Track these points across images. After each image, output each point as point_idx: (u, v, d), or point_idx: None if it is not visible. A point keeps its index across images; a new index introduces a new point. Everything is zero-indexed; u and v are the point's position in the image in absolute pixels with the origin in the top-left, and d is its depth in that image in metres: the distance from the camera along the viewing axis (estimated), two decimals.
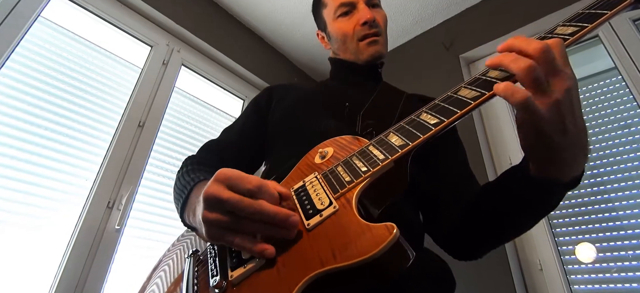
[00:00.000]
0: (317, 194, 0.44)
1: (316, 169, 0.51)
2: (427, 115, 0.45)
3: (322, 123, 0.66)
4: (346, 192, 0.42)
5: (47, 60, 1.31)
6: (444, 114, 0.43)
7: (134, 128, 1.47)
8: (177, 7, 1.76)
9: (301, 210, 0.43)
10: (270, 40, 2.30)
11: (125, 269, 1.31)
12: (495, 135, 1.61)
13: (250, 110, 0.81)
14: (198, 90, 1.88)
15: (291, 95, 0.79)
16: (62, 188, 1.23)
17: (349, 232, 0.36)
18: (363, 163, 0.44)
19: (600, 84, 1.39)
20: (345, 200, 0.40)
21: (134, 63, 1.60)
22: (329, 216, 0.39)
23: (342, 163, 0.47)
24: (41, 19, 1.32)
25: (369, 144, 0.48)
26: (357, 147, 0.49)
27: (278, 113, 0.76)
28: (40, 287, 1.10)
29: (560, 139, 0.38)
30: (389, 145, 0.45)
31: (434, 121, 0.43)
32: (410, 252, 0.34)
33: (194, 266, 0.48)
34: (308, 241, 0.38)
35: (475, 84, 0.43)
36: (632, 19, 1.39)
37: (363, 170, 0.43)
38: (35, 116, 1.23)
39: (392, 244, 0.32)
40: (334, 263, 0.33)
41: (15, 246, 1.09)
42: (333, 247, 0.35)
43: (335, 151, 0.52)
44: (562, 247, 1.27)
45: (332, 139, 0.56)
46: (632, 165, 1.22)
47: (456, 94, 0.45)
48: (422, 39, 2.13)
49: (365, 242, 0.33)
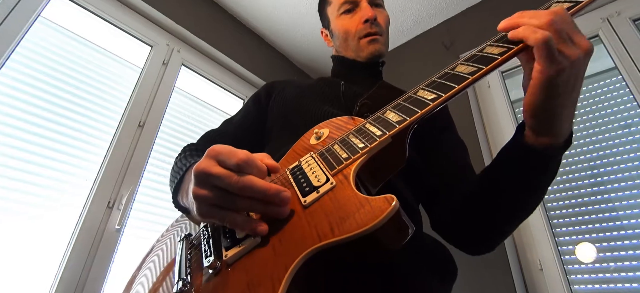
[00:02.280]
0: (313, 172, 0.43)
1: (312, 149, 0.50)
2: (424, 92, 0.45)
3: (320, 109, 0.67)
4: (343, 169, 0.41)
5: (47, 60, 1.31)
6: (442, 89, 0.43)
7: (134, 128, 1.47)
8: (177, 7, 1.76)
9: (297, 188, 0.42)
10: (270, 40, 2.30)
11: (125, 269, 1.31)
12: (496, 136, 1.61)
13: (251, 103, 0.83)
14: (198, 90, 1.88)
15: (290, 88, 0.80)
16: (62, 188, 1.23)
17: (347, 206, 0.35)
18: (360, 140, 0.44)
19: (600, 84, 1.39)
20: (343, 176, 0.40)
21: (134, 63, 1.60)
22: (326, 192, 0.39)
23: (339, 142, 0.47)
24: (41, 18, 1.32)
25: (365, 122, 0.48)
26: (354, 126, 0.49)
27: (277, 104, 0.77)
28: (41, 287, 1.10)
29: (566, 97, 0.39)
30: (387, 122, 0.45)
31: (431, 96, 0.43)
32: (410, 225, 0.33)
33: (186, 249, 0.48)
34: (305, 218, 0.37)
35: (473, 60, 0.44)
36: (632, 19, 1.39)
37: (360, 147, 0.43)
38: (35, 116, 1.23)
39: (392, 215, 0.31)
40: (332, 237, 0.32)
41: (16, 246, 1.09)
42: (331, 222, 0.34)
43: (331, 131, 0.52)
44: (562, 247, 1.27)
45: (327, 121, 0.56)
46: (632, 165, 1.22)
47: (453, 70, 0.45)
48: (422, 39, 2.13)
49: (364, 214, 0.32)
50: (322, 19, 0.92)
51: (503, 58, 0.41)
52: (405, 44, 2.21)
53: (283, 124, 0.71)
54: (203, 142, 0.75)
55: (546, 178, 0.47)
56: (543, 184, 0.48)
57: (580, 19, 1.53)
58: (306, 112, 0.68)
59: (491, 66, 0.41)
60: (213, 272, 0.39)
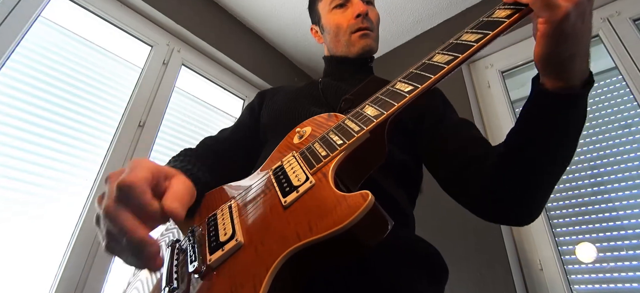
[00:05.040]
0: (294, 171, 0.43)
1: (294, 149, 0.51)
2: (401, 84, 0.45)
3: (307, 111, 0.68)
4: (322, 167, 0.41)
5: (47, 60, 1.31)
6: (418, 80, 0.43)
7: (134, 128, 1.47)
8: (177, 7, 1.76)
9: (278, 188, 0.42)
10: (270, 40, 2.30)
11: (125, 269, 1.31)
12: (496, 135, 1.61)
13: (245, 112, 0.85)
14: (198, 90, 1.88)
15: (280, 95, 0.82)
16: (62, 188, 1.23)
17: (325, 204, 0.35)
18: (339, 137, 0.44)
19: (600, 84, 1.39)
20: (322, 175, 0.40)
21: (134, 63, 1.60)
22: (306, 191, 0.39)
23: (319, 140, 0.47)
24: (41, 18, 1.32)
25: (345, 119, 0.48)
26: (334, 123, 0.49)
27: (268, 112, 0.79)
28: (41, 287, 1.10)
29: (577, 41, 0.39)
30: (364, 117, 0.45)
31: (408, 89, 0.43)
32: (388, 220, 0.33)
33: (173, 256, 0.48)
34: (286, 217, 0.38)
35: (448, 48, 0.44)
36: (632, 19, 1.39)
37: (338, 143, 0.43)
38: (36, 116, 1.23)
39: (367, 210, 0.31)
40: (310, 236, 0.32)
41: (16, 246, 1.09)
42: (310, 220, 0.35)
43: (312, 129, 0.53)
44: (562, 247, 1.27)
45: (310, 119, 0.56)
46: (632, 165, 1.22)
47: (430, 60, 0.45)
48: (422, 39, 2.13)
49: (341, 211, 0.33)
50: (312, 16, 0.94)
51: (478, 45, 0.41)
52: (405, 44, 2.21)
53: (274, 130, 0.72)
54: (200, 148, 0.75)
55: (571, 122, 0.45)
56: (573, 128, 0.46)
57: None
58: (294, 116, 0.69)
59: (467, 54, 0.41)
60: (198, 277, 0.39)
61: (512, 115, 1.59)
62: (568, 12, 0.36)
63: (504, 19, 0.41)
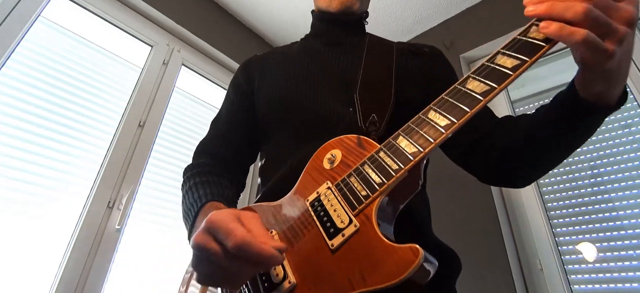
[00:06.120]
0: (334, 210, 0.43)
1: (327, 177, 0.49)
2: (435, 114, 0.43)
3: (318, 105, 0.63)
4: (364, 208, 0.41)
5: (47, 60, 1.31)
6: (453, 112, 0.41)
7: (134, 128, 1.47)
8: (177, 6, 1.76)
9: (321, 227, 0.43)
10: (270, 40, 2.30)
11: (125, 269, 1.31)
12: None
13: (232, 94, 0.76)
14: (198, 90, 1.89)
15: (272, 70, 0.73)
16: (62, 188, 1.23)
17: (374, 252, 0.37)
18: (376, 175, 0.43)
19: None
20: (365, 217, 0.41)
21: (134, 63, 1.60)
22: (351, 235, 0.40)
23: (355, 173, 0.46)
24: (41, 18, 1.33)
25: (379, 149, 0.46)
26: (367, 151, 0.48)
27: (264, 92, 0.70)
28: (41, 287, 1.10)
29: (618, 72, 0.38)
30: (401, 152, 0.43)
31: (443, 122, 0.41)
32: (433, 266, 0.36)
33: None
34: (334, 262, 0.40)
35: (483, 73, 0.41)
36: None
37: (378, 183, 0.42)
38: (35, 116, 1.23)
39: (418, 267, 0.34)
40: (364, 287, 0.35)
41: (16, 246, 1.09)
42: (361, 269, 0.37)
43: (343, 155, 0.51)
44: (562, 247, 1.27)
45: (338, 140, 0.53)
46: (632, 165, 1.22)
47: (464, 87, 0.42)
48: (422, 39, 2.13)
49: (393, 265, 0.35)
50: None
51: (516, 75, 0.38)
52: None
53: (279, 122, 0.66)
54: (199, 159, 0.71)
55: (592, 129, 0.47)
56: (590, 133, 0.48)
57: None
58: (304, 110, 0.63)
59: (504, 85, 0.38)
60: None
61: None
62: (612, 53, 0.34)
63: (542, 42, 0.37)
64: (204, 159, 0.71)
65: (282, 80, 0.69)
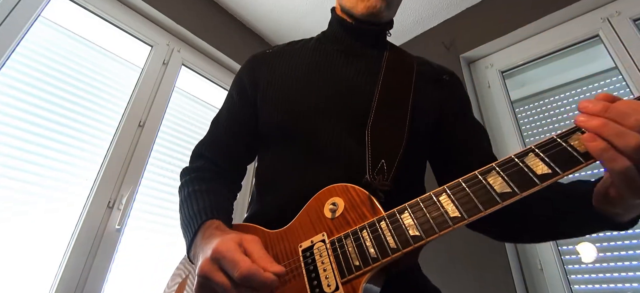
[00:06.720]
0: (324, 269, 0.44)
1: (324, 228, 0.49)
2: (446, 200, 0.41)
3: (327, 134, 0.59)
4: (353, 279, 0.42)
5: (47, 60, 1.31)
6: (467, 206, 0.39)
7: (134, 128, 1.47)
8: (177, 6, 1.76)
9: (308, 284, 0.43)
10: (270, 40, 2.30)
11: (125, 269, 1.31)
12: (496, 135, 1.61)
13: (235, 95, 0.73)
14: (198, 90, 1.88)
15: (282, 78, 0.68)
16: (62, 188, 1.23)
17: None
18: (373, 247, 0.42)
19: (600, 84, 1.39)
20: (352, 288, 0.41)
21: (134, 63, 1.60)
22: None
23: (352, 236, 0.45)
24: (41, 18, 1.32)
25: (381, 218, 0.45)
26: (370, 215, 0.47)
27: (271, 103, 0.65)
28: (41, 287, 1.10)
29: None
30: (402, 231, 0.42)
31: (454, 214, 0.39)
32: None
33: None
34: None
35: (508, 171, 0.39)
36: (633, 19, 1.39)
37: (373, 257, 0.42)
38: (35, 116, 1.22)
39: None
40: None
41: (16, 246, 1.09)
42: None
43: (345, 208, 0.49)
44: (562, 247, 1.27)
45: (344, 188, 0.51)
46: None
47: (485, 178, 0.40)
48: (422, 39, 2.13)
49: None
50: None
51: (544, 185, 0.36)
52: (405, 44, 2.21)
53: (284, 138, 0.63)
54: (197, 163, 0.70)
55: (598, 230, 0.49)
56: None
57: (580, 19, 1.53)
58: (313, 133, 0.59)
59: (528, 193, 0.36)
60: None
61: (512, 115, 1.59)
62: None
63: (580, 157, 0.35)
64: (202, 162, 0.70)
65: (292, 92, 0.65)
